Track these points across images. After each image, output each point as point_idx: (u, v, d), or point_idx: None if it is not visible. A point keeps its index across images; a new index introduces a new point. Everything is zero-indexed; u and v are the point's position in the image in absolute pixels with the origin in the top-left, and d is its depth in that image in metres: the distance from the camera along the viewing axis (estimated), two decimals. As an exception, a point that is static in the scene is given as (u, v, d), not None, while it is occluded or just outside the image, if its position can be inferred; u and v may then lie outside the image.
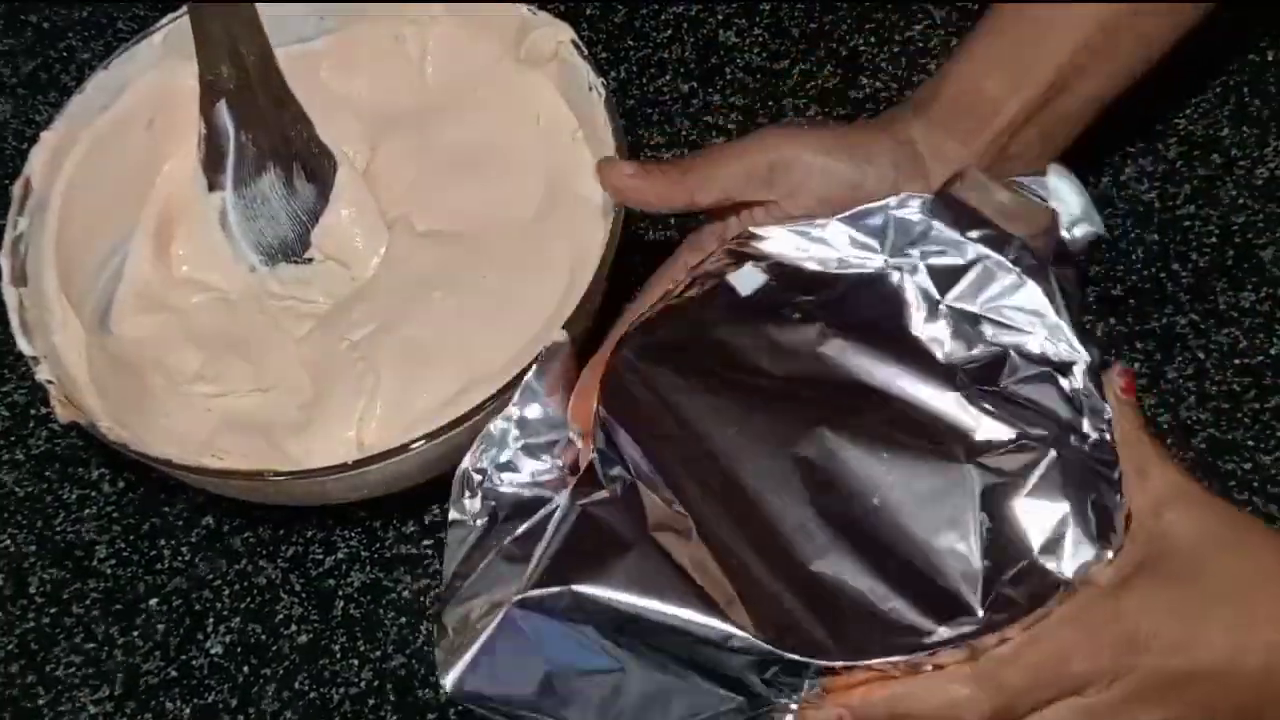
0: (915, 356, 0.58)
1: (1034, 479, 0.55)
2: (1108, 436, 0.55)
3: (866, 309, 0.60)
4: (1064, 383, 0.56)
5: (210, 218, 0.76)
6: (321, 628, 0.70)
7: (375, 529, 0.73)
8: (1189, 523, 0.55)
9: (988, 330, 0.58)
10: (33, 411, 0.79)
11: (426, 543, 0.72)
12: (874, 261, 0.61)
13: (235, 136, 0.75)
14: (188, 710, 0.69)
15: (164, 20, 0.76)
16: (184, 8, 0.74)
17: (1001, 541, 0.54)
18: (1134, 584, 0.54)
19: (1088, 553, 0.53)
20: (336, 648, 0.70)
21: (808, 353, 0.60)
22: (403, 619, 0.70)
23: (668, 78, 0.84)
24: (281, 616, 0.71)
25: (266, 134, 0.75)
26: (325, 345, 0.72)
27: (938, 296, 0.59)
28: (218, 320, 0.75)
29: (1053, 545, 0.54)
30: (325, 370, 0.71)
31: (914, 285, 0.60)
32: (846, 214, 0.62)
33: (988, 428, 0.56)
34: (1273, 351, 0.71)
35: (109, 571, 0.73)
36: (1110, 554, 0.53)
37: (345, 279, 0.75)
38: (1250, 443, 0.69)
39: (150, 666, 0.70)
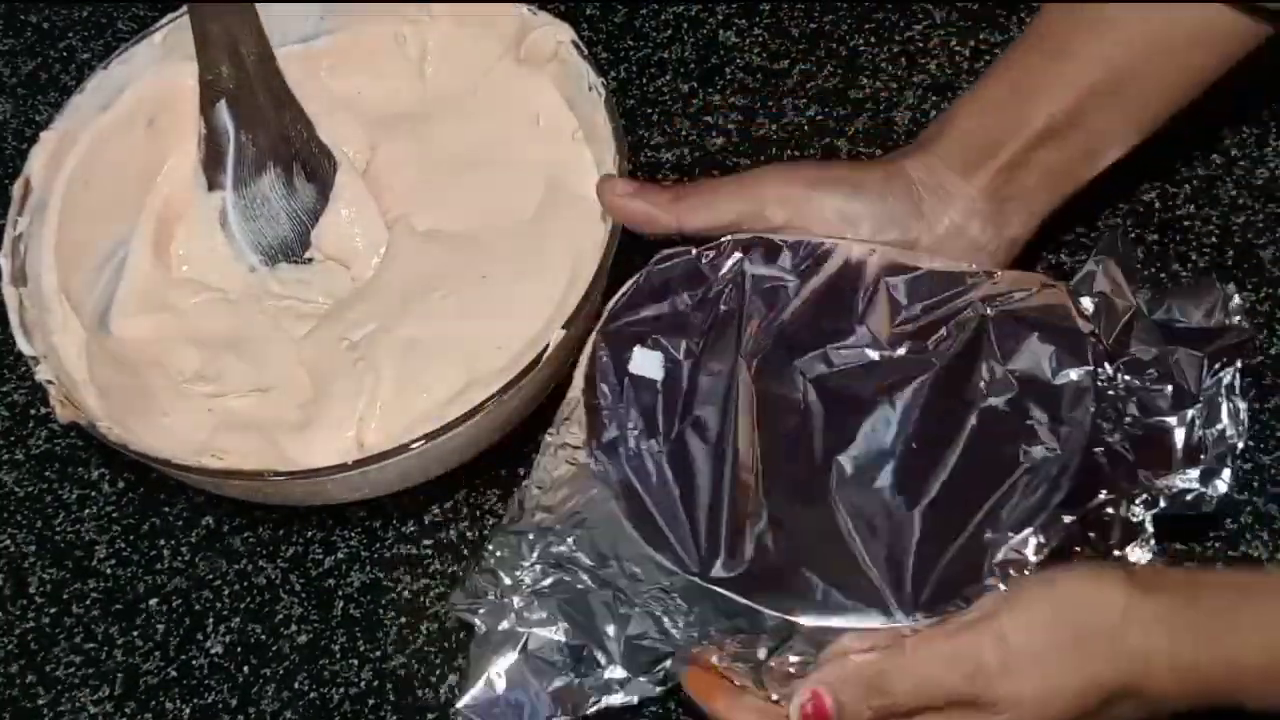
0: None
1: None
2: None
3: None
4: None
5: (210, 218, 0.76)
6: (321, 628, 0.70)
7: (375, 529, 0.73)
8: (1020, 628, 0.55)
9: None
10: (32, 411, 0.79)
11: (426, 543, 0.72)
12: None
13: (235, 136, 0.75)
14: (188, 710, 0.69)
15: (164, 20, 0.76)
16: (184, 8, 0.74)
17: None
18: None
19: None
20: (336, 648, 0.70)
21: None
22: (403, 619, 0.70)
23: (668, 78, 0.84)
24: (281, 616, 0.71)
25: (266, 134, 0.75)
26: (325, 345, 0.72)
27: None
28: (217, 320, 0.75)
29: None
30: (325, 370, 0.71)
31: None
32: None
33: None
34: (1273, 351, 0.71)
35: (109, 571, 0.73)
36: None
37: (345, 279, 0.75)
38: (1250, 443, 0.69)
39: (150, 666, 0.70)
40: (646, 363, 0.62)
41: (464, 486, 0.73)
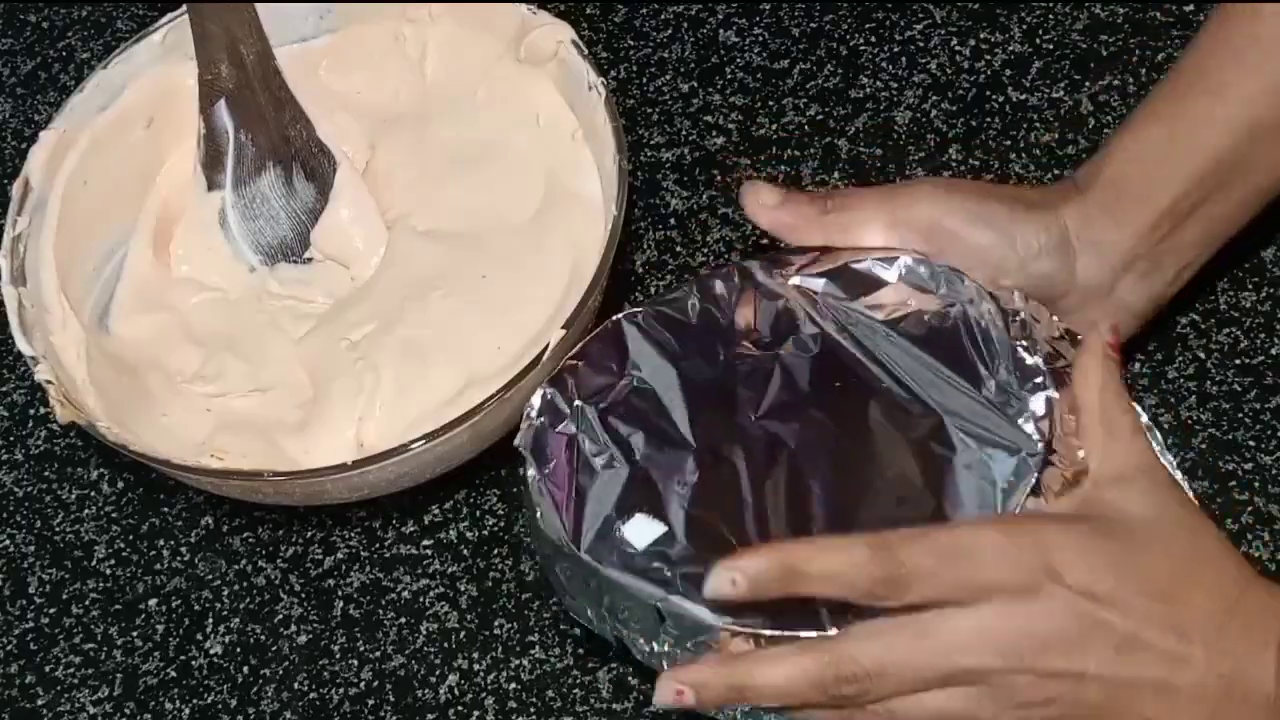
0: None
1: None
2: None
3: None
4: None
5: (209, 217, 0.76)
6: (321, 628, 0.70)
7: (375, 529, 0.73)
8: (1145, 497, 0.55)
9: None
10: (32, 411, 0.79)
11: (426, 543, 0.72)
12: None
13: (234, 136, 0.75)
14: (187, 710, 0.69)
15: (164, 20, 0.76)
16: (184, 8, 0.74)
17: None
18: (1065, 523, 0.53)
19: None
20: (336, 648, 0.70)
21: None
22: (403, 619, 0.70)
23: (668, 78, 0.84)
24: (281, 616, 0.71)
25: (266, 133, 0.75)
26: (324, 345, 0.72)
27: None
28: (217, 320, 0.75)
29: None
30: (325, 370, 0.71)
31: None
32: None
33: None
34: (1273, 351, 0.71)
35: (108, 571, 0.73)
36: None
37: (345, 279, 0.75)
38: (1250, 443, 0.69)
39: (150, 667, 0.70)
40: (643, 532, 0.59)
41: (464, 486, 0.72)
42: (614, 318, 0.64)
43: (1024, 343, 0.59)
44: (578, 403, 0.61)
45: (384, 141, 0.78)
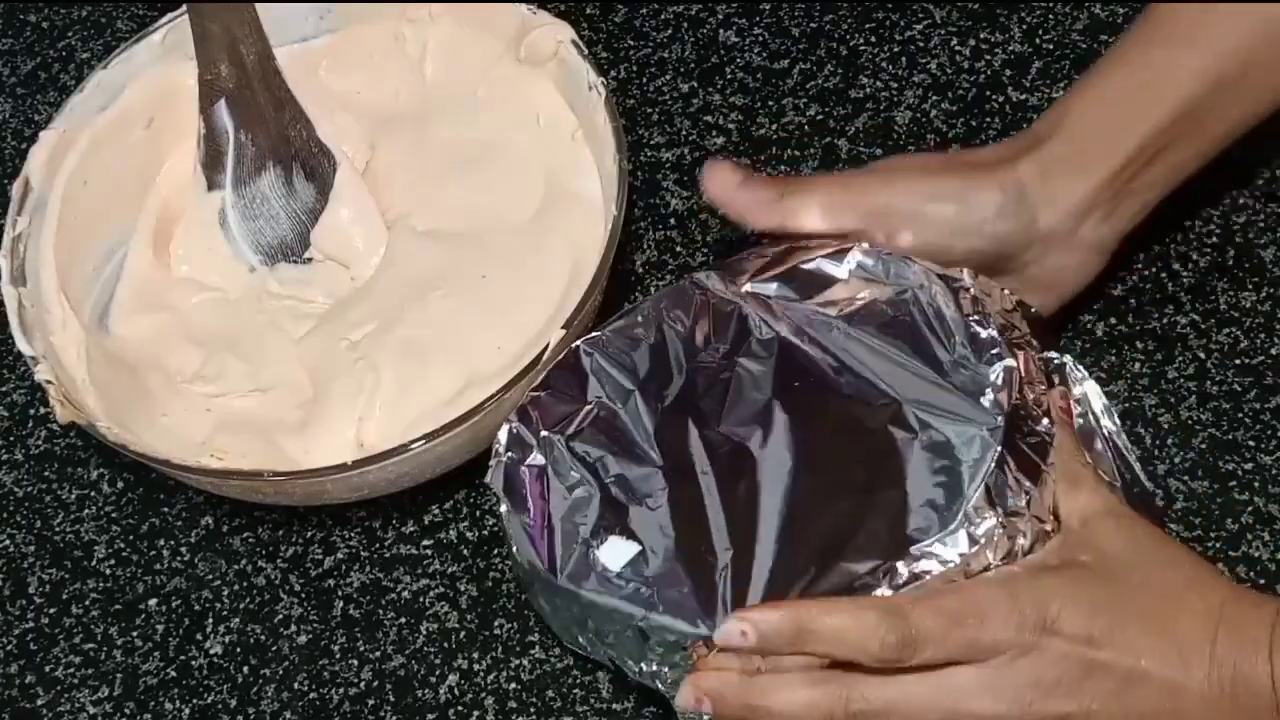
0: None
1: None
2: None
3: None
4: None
5: (209, 217, 0.76)
6: (321, 628, 0.70)
7: (375, 529, 0.72)
8: (1117, 535, 0.56)
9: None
10: (32, 411, 0.79)
11: (426, 543, 0.72)
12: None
13: (234, 136, 0.75)
14: (187, 710, 0.69)
15: (164, 20, 0.76)
16: (184, 8, 0.74)
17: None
18: (1056, 572, 0.54)
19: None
20: (336, 648, 0.70)
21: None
22: (402, 619, 0.70)
23: (668, 78, 0.84)
24: (281, 616, 0.71)
25: (266, 133, 0.75)
26: (324, 345, 0.72)
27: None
28: (217, 320, 0.75)
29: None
30: (325, 370, 0.71)
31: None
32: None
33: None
34: (1273, 351, 0.71)
35: (108, 571, 0.73)
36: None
37: (345, 279, 0.75)
38: (1250, 443, 0.69)
39: (150, 667, 0.70)
40: (617, 553, 0.59)
41: (464, 486, 0.72)
42: (571, 345, 0.64)
43: (976, 317, 0.59)
44: (544, 433, 0.62)
45: (384, 141, 0.78)
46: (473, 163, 0.76)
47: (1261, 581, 0.65)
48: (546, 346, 0.65)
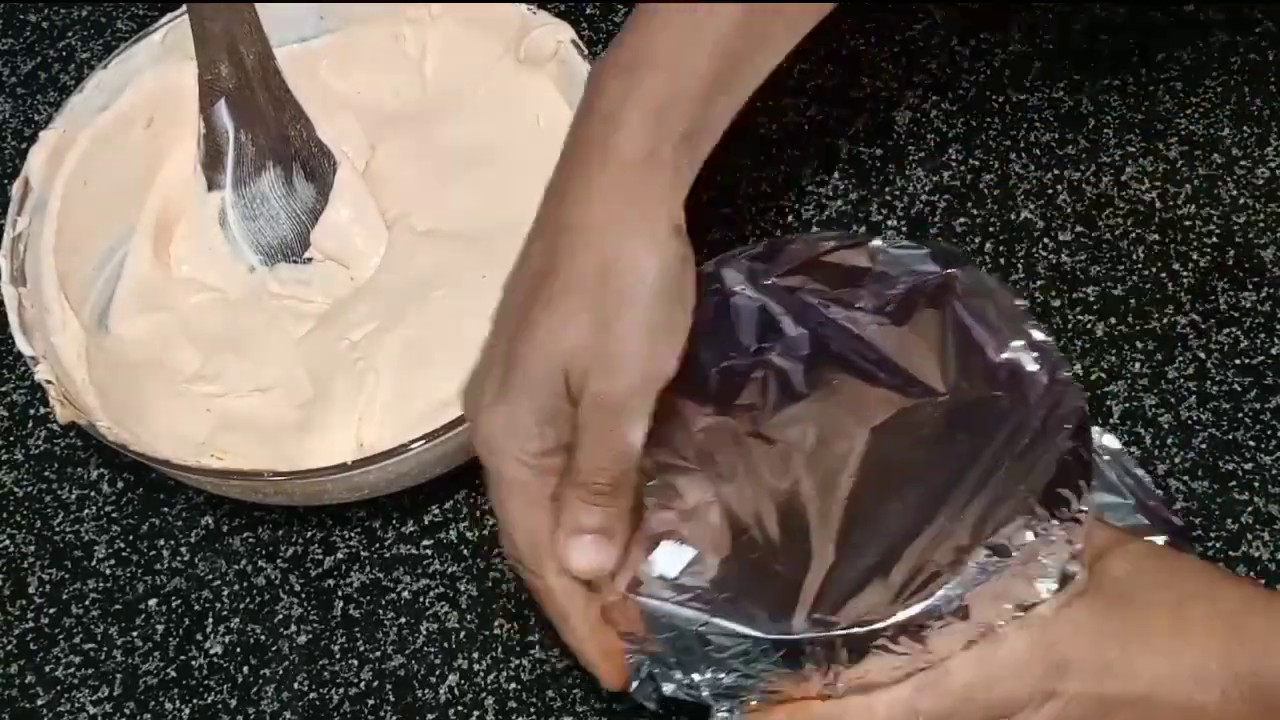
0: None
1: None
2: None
3: None
4: None
5: (209, 217, 0.76)
6: (321, 628, 0.70)
7: (375, 529, 0.72)
8: (1123, 562, 0.55)
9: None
10: (32, 411, 0.79)
11: (426, 543, 0.72)
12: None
13: (235, 136, 0.75)
14: (187, 710, 0.69)
15: (164, 20, 0.76)
16: (184, 8, 0.74)
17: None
18: (1066, 613, 0.54)
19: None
20: (336, 648, 0.70)
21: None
22: (402, 619, 0.70)
23: (668, 77, 0.84)
24: (281, 616, 0.71)
25: (266, 133, 0.75)
26: (324, 345, 0.72)
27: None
28: (217, 320, 0.75)
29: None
30: (325, 370, 0.71)
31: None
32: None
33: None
34: (1274, 351, 0.71)
35: (108, 571, 0.73)
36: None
37: (345, 279, 0.75)
38: (1251, 443, 0.69)
39: (150, 667, 0.70)
40: (672, 559, 0.57)
41: (464, 486, 0.72)
42: None
43: (1020, 304, 0.59)
44: None
45: (384, 141, 0.78)
46: (473, 163, 0.76)
47: (1262, 582, 0.65)
48: (546, 346, 0.65)
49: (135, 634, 0.71)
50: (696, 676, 0.56)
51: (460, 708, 0.67)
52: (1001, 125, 0.79)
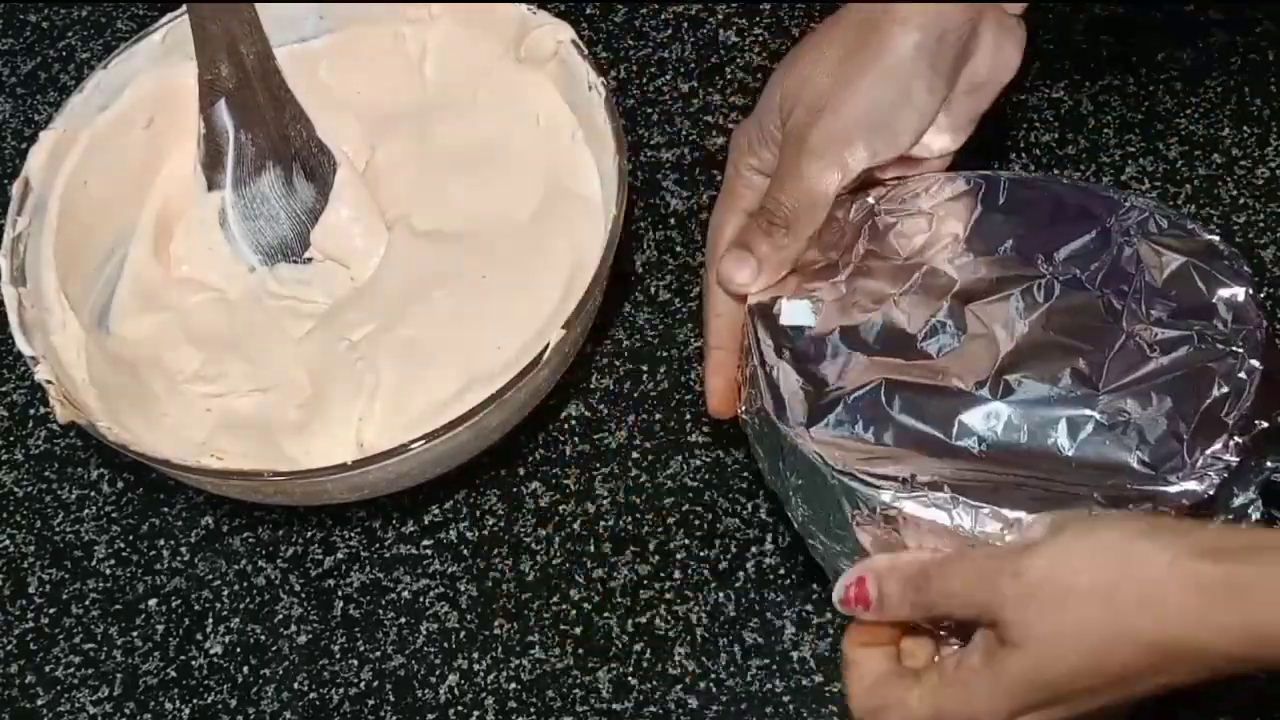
0: None
1: None
2: None
3: None
4: None
5: (209, 217, 0.76)
6: (321, 628, 0.70)
7: (375, 529, 0.73)
8: (1040, 615, 0.53)
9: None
10: (32, 411, 0.79)
11: (426, 543, 0.72)
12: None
13: (235, 136, 0.75)
14: (187, 710, 0.69)
15: (164, 20, 0.76)
16: (184, 8, 0.74)
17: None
18: (991, 671, 0.53)
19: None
20: (336, 648, 0.70)
21: None
22: (402, 619, 0.70)
23: (668, 78, 0.84)
24: (281, 616, 0.71)
25: (266, 133, 0.75)
26: (324, 345, 0.72)
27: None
28: (217, 320, 0.75)
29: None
30: (324, 370, 0.71)
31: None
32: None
33: None
34: (1273, 351, 0.71)
35: (108, 572, 0.73)
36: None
37: (345, 279, 0.75)
38: (1251, 443, 0.69)
39: (150, 667, 0.70)
40: (796, 312, 0.61)
41: (464, 486, 0.73)
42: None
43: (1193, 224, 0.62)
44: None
45: (384, 141, 0.78)
46: (473, 163, 0.76)
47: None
48: (547, 346, 0.65)
49: (135, 634, 0.71)
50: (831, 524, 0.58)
51: (460, 708, 0.67)
52: (1001, 125, 0.79)
